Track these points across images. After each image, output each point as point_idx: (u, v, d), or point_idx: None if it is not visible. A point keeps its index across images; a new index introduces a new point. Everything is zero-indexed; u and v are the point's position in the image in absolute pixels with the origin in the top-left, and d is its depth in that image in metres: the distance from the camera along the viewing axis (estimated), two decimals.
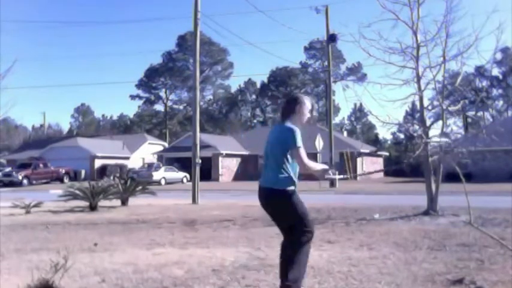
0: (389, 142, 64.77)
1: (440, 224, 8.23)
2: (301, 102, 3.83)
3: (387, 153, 49.61)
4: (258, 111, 71.76)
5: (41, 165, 35.93)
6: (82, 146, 42.49)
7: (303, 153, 3.59)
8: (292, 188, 3.63)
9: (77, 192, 12.43)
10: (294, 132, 3.62)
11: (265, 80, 66.84)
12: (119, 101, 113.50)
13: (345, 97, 64.57)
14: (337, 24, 41.52)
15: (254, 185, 4.61)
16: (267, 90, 67.65)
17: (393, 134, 61.34)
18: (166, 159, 40.53)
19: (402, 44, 9.59)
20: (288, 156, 3.64)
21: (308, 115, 3.87)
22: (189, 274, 4.64)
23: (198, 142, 16.23)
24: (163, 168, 35.22)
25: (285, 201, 3.61)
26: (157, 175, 33.03)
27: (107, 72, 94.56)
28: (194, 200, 15.29)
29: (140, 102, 70.70)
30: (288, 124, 3.70)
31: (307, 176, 4.16)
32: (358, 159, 38.43)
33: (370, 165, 41.46)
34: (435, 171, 9.78)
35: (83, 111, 79.95)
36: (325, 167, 3.86)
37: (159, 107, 71.37)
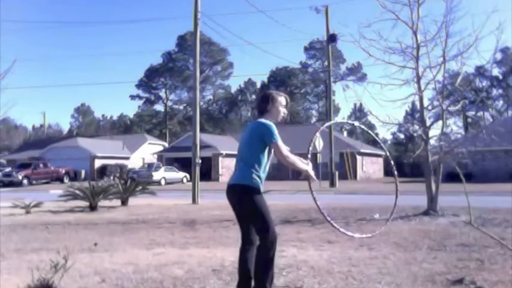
0: (389, 142, 64.76)
1: (440, 224, 8.23)
2: (274, 99, 3.74)
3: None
4: None
5: (41, 165, 35.91)
6: (82, 146, 42.49)
7: (282, 146, 3.54)
8: (258, 185, 3.53)
9: (77, 192, 12.43)
10: (270, 127, 3.53)
11: (265, 80, 66.82)
12: (119, 101, 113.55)
13: (345, 97, 64.74)
14: (337, 24, 41.46)
15: None
16: None
17: (393, 134, 61.44)
18: (166, 159, 40.52)
19: (402, 44, 9.61)
20: (261, 154, 3.55)
21: (283, 111, 3.77)
22: (189, 274, 4.64)
23: (198, 142, 16.22)
24: (163, 168, 35.20)
25: (247, 198, 3.50)
26: (157, 175, 33.02)
27: (107, 72, 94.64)
28: (194, 200, 15.29)
29: (140, 102, 70.68)
30: (263, 120, 3.62)
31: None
32: (358, 159, 38.42)
33: (370, 165, 41.46)
34: (435, 171, 9.78)
35: (83, 111, 79.93)
36: (309, 168, 3.65)
37: (159, 107, 71.44)
